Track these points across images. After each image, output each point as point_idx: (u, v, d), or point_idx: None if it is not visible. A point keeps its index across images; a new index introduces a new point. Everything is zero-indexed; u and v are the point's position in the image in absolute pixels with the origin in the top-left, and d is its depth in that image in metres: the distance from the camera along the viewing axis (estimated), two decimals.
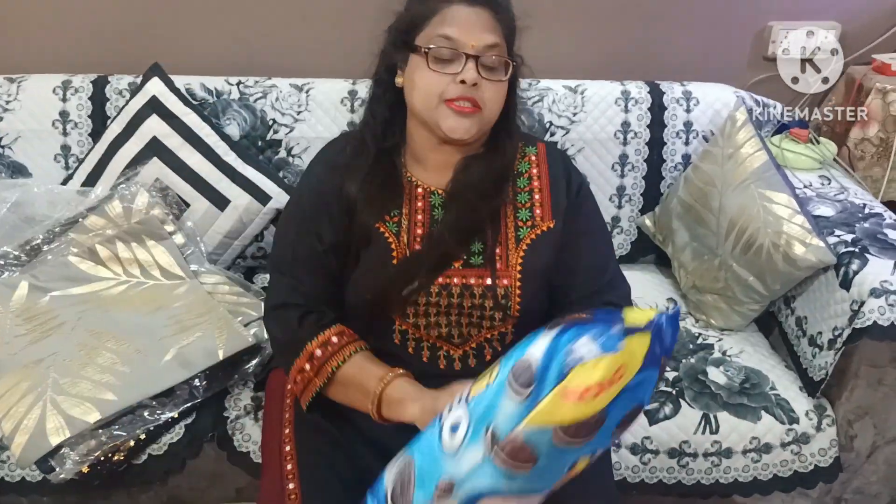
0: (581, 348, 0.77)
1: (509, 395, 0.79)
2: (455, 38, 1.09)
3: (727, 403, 1.47)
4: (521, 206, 1.19)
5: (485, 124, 1.14)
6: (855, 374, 1.43)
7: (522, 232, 1.18)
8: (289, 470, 1.15)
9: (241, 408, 1.41)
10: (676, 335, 0.85)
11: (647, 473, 1.44)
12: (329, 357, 1.11)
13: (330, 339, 1.12)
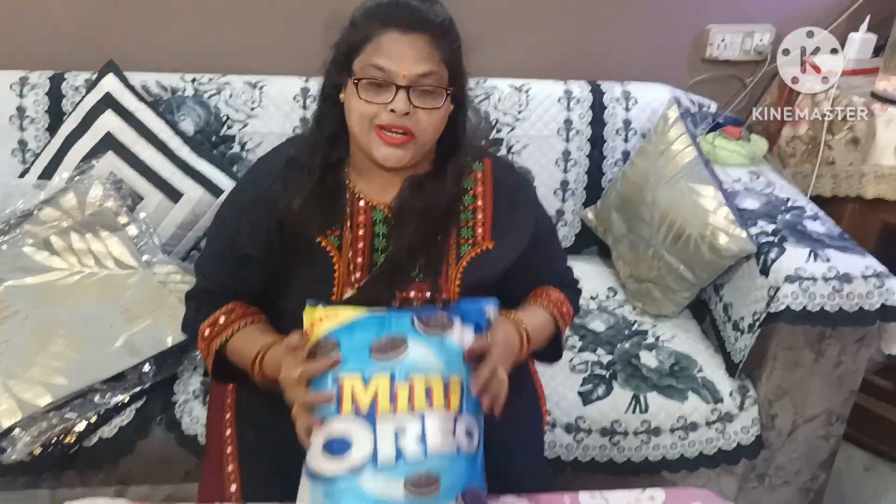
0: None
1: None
2: (387, 68, 1.06)
3: (656, 385, 1.54)
4: (463, 224, 1.20)
5: (421, 149, 1.12)
6: (773, 357, 1.52)
7: (463, 249, 1.19)
8: (228, 453, 1.20)
9: (190, 392, 1.47)
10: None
11: (581, 452, 1.51)
12: (214, 336, 1.17)
13: (217, 319, 1.18)
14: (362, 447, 0.96)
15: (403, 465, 0.95)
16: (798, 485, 1.66)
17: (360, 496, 0.94)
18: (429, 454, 0.96)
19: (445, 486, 0.95)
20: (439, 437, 0.97)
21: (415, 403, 0.98)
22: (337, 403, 0.98)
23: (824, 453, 1.63)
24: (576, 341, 1.65)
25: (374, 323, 1.03)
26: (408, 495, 0.94)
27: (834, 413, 1.58)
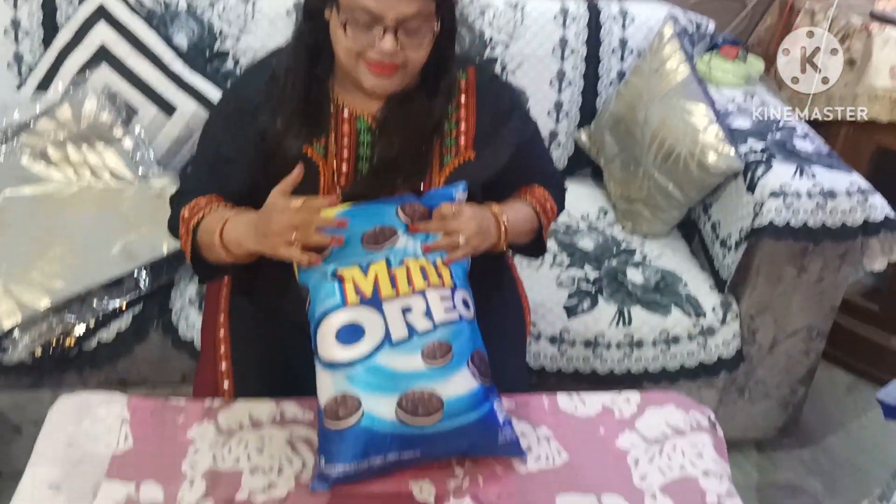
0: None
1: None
2: (374, 10, 1.04)
3: (641, 300, 1.58)
4: (446, 135, 1.20)
5: (410, 76, 1.12)
6: (756, 272, 1.55)
7: (446, 159, 1.20)
8: (222, 353, 1.25)
9: (186, 299, 1.51)
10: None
11: (564, 362, 1.56)
12: (194, 215, 1.16)
13: (199, 202, 1.17)
14: (375, 331, 1.03)
15: (417, 339, 1.03)
16: (777, 398, 1.71)
17: (382, 372, 1.01)
18: (437, 325, 1.04)
19: (457, 351, 1.04)
20: (442, 309, 1.05)
21: (414, 284, 1.05)
22: (341, 296, 1.04)
23: (804, 368, 1.67)
24: (564, 258, 1.68)
25: (360, 215, 1.08)
26: (426, 364, 1.02)
27: (814, 329, 1.62)
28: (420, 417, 1.01)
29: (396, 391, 1.02)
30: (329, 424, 1.02)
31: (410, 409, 1.01)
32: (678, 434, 1.16)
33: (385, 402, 1.01)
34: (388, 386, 1.02)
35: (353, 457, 1.01)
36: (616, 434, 1.16)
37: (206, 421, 1.14)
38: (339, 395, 1.02)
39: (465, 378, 1.04)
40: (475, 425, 1.04)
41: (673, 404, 1.21)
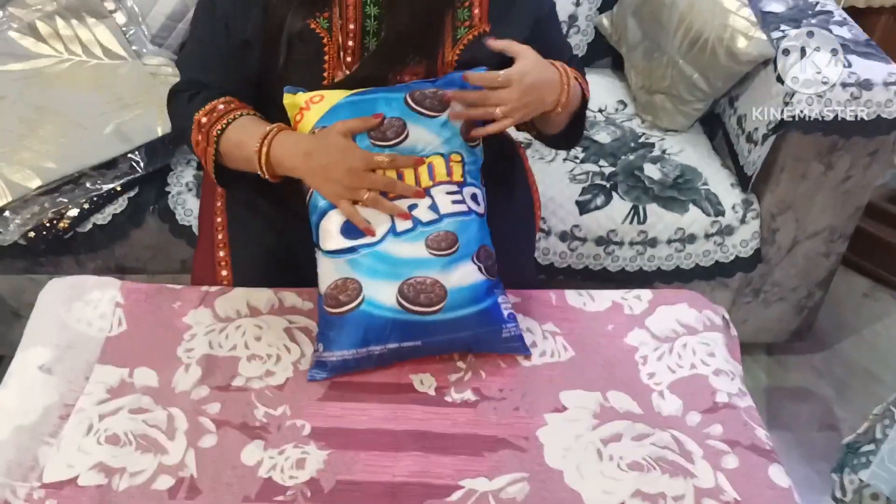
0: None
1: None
2: None
3: (658, 196, 1.52)
4: (459, 5, 1.12)
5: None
6: (781, 168, 1.48)
7: (460, 32, 1.12)
8: (219, 239, 1.21)
9: (183, 184, 1.47)
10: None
11: (574, 259, 1.52)
12: (214, 122, 1.08)
13: (216, 106, 1.09)
14: (379, 224, 1.00)
15: (421, 228, 1.00)
16: (793, 301, 1.67)
17: (385, 258, 0.99)
18: (442, 216, 1.01)
19: (463, 243, 1.01)
20: (449, 201, 1.02)
21: (420, 181, 1.01)
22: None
23: (823, 271, 1.63)
24: (578, 152, 1.62)
25: (366, 106, 1.02)
26: (430, 253, 1.00)
27: (837, 230, 1.56)
28: (422, 306, 0.99)
29: (398, 278, 0.99)
30: (329, 311, 1.00)
31: (412, 296, 0.99)
32: (689, 332, 1.13)
33: (386, 288, 0.99)
34: (390, 272, 0.99)
35: (353, 343, 1.00)
36: (625, 331, 1.13)
37: (203, 307, 1.12)
38: (339, 280, 1.00)
39: (470, 270, 1.02)
40: (478, 317, 1.02)
41: (686, 303, 1.18)
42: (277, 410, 0.98)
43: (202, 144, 1.09)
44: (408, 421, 0.98)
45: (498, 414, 1.00)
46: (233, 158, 1.09)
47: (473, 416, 0.99)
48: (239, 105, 1.10)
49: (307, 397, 1.00)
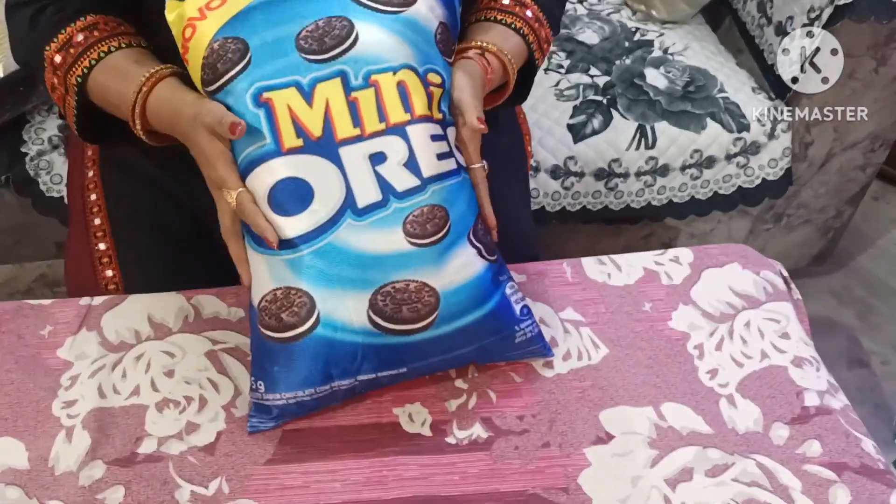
0: None
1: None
2: None
3: (667, 111, 1.26)
4: None
5: None
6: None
7: None
8: (97, 225, 0.91)
9: (46, 140, 1.14)
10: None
11: (570, 200, 1.27)
12: (73, 63, 0.78)
13: (72, 37, 0.78)
14: (329, 191, 0.70)
15: (396, 203, 0.71)
16: (819, 223, 1.49)
17: (344, 256, 0.70)
18: (425, 180, 0.71)
19: (456, 219, 0.73)
20: (433, 154, 0.72)
21: (388, 114, 0.71)
22: (273, 135, 0.69)
23: (857, 186, 1.44)
24: (562, 59, 1.33)
25: (289, 3, 0.72)
26: (411, 243, 0.71)
27: (880, 137, 1.35)
28: (405, 324, 0.71)
29: (368, 286, 0.70)
30: (267, 335, 0.71)
31: (390, 311, 0.71)
32: (751, 304, 0.90)
33: (351, 302, 0.70)
34: (354, 278, 0.70)
35: (307, 382, 0.72)
36: (668, 310, 0.89)
37: (85, 330, 0.83)
38: (279, 290, 0.70)
39: (468, 258, 0.73)
40: (484, 323, 0.75)
41: (737, 262, 0.94)
42: (209, 487, 0.71)
43: (59, 91, 0.79)
44: (399, 483, 0.73)
45: (522, 456, 0.75)
46: (102, 103, 0.80)
47: (489, 462, 0.75)
48: (106, 32, 0.79)
49: (250, 461, 0.74)
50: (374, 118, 0.71)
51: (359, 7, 0.72)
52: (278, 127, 0.69)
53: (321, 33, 0.71)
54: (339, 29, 0.71)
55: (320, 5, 0.72)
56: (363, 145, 0.70)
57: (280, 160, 0.69)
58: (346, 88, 0.70)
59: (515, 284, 0.80)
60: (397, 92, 0.71)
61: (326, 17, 0.71)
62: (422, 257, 0.71)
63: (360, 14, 0.72)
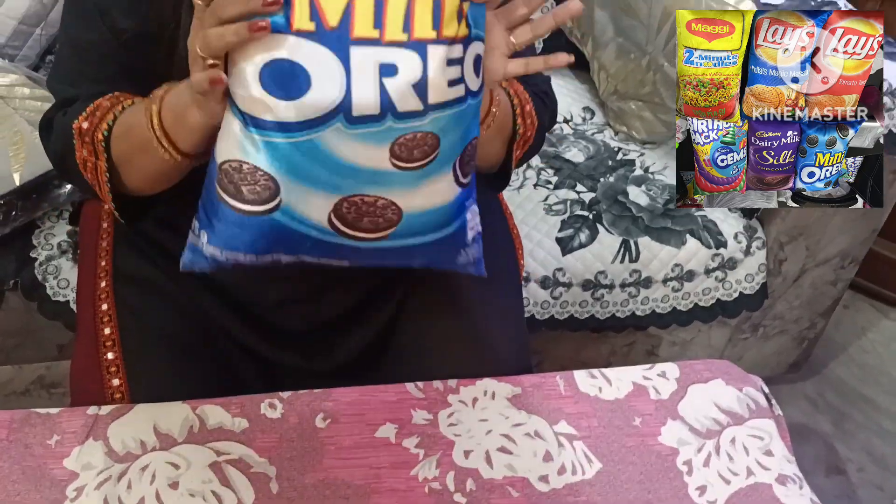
0: None
1: None
2: None
3: (649, 227, 1.32)
4: None
5: None
6: None
7: None
8: (107, 335, 0.92)
9: (54, 246, 1.17)
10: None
11: (558, 309, 1.31)
12: (98, 122, 0.79)
13: (100, 104, 0.80)
14: (326, 85, 0.64)
15: (391, 122, 0.66)
16: (794, 334, 1.53)
17: (324, 158, 0.67)
18: (428, 107, 0.67)
19: (445, 147, 0.69)
20: (445, 81, 0.67)
21: (414, 27, 0.64)
22: (286, 8, 0.62)
23: (829, 300, 1.50)
24: (550, 175, 1.39)
25: None
26: (394, 164, 0.68)
27: (849, 255, 1.42)
28: (363, 231, 0.71)
29: (337, 191, 0.69)
30: (223, 197, 0.69)
31: (352, 219, 0.70)
32: (735, 421, 0.93)
33: (316, 202, 0.69)
34: (326, 181, 0.68)
35: (251, 248, 0.70)
36: (657, 425, 0.91)
37: (92, 440, 0.83)
38: (245, 164, 0.67)
39: (444, 185, 0.72)
40: (434, 244, 0.75)
41: (720, 378, 0.97)
42: None
43: (90, 161, 0.80)
44: None
45: None
46: (130, 161, 0.80)
47: None
48: (126, 97, 0.81)
49: None
50: (398, 25, 0.64)
51: None
52: (292, 3, 0.62)
53: None
54: None
55: None
56: (378, 50, 0.64)
57: (285, 37, 0.63)
58: None
59: (476, 208, 0.78)
60: (432, 4, 0.64)
61: None
62: (399, 179, 0.69)
63: None
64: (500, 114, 0.83)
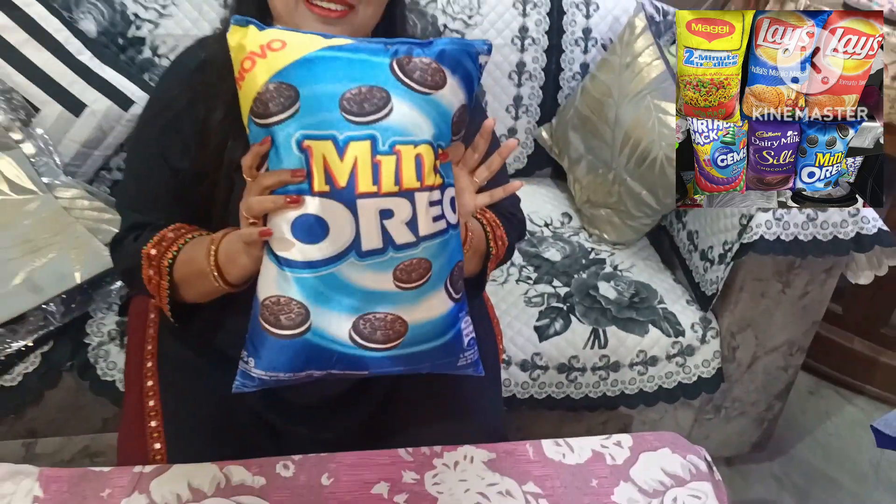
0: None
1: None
2: None
3: (616, 318, 1.48)
4: None
5: (360, 30, 0.99)
6: (740, 288, 1.47)
7: None
8: (151, 406, 1.09)
9: (105, 334, 1.33)
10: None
11: (537, 389, 1.46)
12: (164, 251, 0.98)
13: (165, 235, 1.00)
14: (342, 233, 0.83)
15: (392, 253, 0.85)
16: (753, 415, 1.66)
17: (342, 286, 0.85)
18: (420, 239, 0.85)
19: (436, 270, 0.88)
20: (430, 218, 0.86)
21: (403, 180, 0.83)
22: (308, 178, 0.82)
23: (781, 384, 1.62)
24: (531, 272, 1.57)
25: (341, 65, 0.83)
26: (398, 286, 0.86)
27: (795, 344, 1.56)
28: (377, 343, 0.88)
29: (355, 312, 0.86)
30: (266, 327, 0.86)
31: (367, 333, 0.87)
32: (677, 483, 1.07)
33: (339, 321, 0.86)
34: (345, 305, 0.86)
35: (289, 368, 0.87)
36: (611, 487, 1.05)
37: (137, 493, 0.98)
38: (283, 297, 0.85)
39: (439, 300, 0.90)
40: (438, 350, 0.92)
41: (668, 447, 1.12)
42: None
43: (154, 279, 0.99)
44: None
45: None
46: (188, 282, 0.98)
47: None
48: (190, 229, 1.01)
49: None
50: (391, 181, 0.82)
51: (398, 83, 0.83)
52: (313, 172, 0.81)
53: (362, 98, 0.82)
54: (378, 99, 0.82)
55: (366, 72, 0.83)
56: (377, 201, 0.82)
57: (309, 198, 0.82)
58: (374, 151, 0.82)
59: (469, 321, 0.95)
60: (414, 163, 0.83)
61: (369, 84, 0.82)
62: (402, 297, 0.87)
63: (397, 89, 0.83)
64: (475, 240, 1.03)
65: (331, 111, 0.82)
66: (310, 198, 0.82)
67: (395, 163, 0.82)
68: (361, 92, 0.82)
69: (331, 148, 0.81)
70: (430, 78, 0.84)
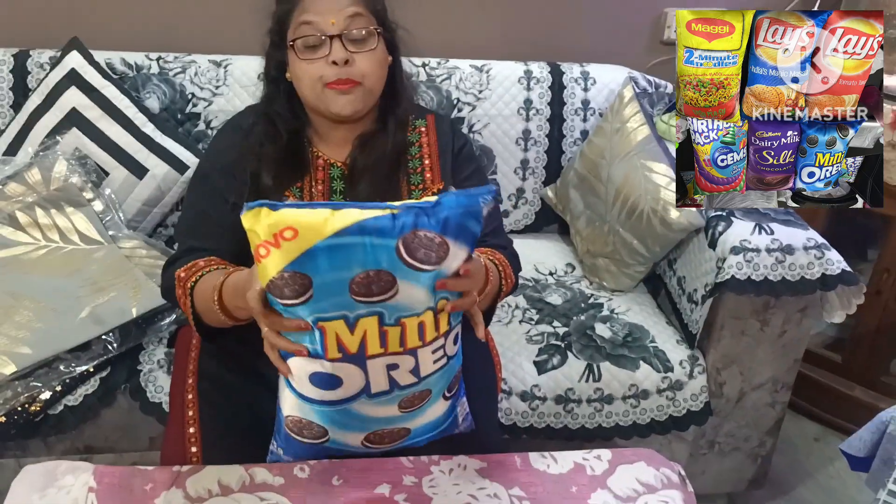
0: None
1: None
2: (315, 21, 1.16)
3: (610, 354, 1.59)
4: (412, 172, 1.28)
5: (370, 96, 1.22)
6: (721, 326, 1.57)
7: (415, 194, 1.27)
8: (190, 416, 1.24)
9: (155, 362, 1.49)
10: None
11: (536, 418, 1.56)
12: (191, 275, 1.13)
13: (197, 263, 1.16)
14: (353, 383, 0.97)
15: (397, 392, 1.00)
16: (747, 451, 1.72)
17: (355, 416, 1.01)
18: (422, 378, 1.00)
19: (436, 391, 1.04)
20: (431, 362, 0.99)
21: (407, 343, 0.94)
22: (322, 349, 0.93)
23: (771, 420, 1.69)
24: (533, 314, 1.70)
25: (350, 252, 0.87)
26: (402, 411, 1.03)
27: (779, 381, 1.64)
28: (385, 446, 1.07)
29: (365, 430, 1.04)
30: (291, 435, 1.05)
31: (376, 441, 1.06)
32: (649, 491, 1.16)
33: (352, 436, 1.05)
34: (357, 426, 1.04)
35: (313, 457, 1.10)
36: (589, 493, 1.15)
37: (175, 488, 1.11)
38: (304, 419, 1.02)
39: (437, 407, 1.07)
40: (436, 434, 1.12)
41: (643, 461, 1.22)
42: None
43: (182, 298, 1.16)
44: None
45: None
46: (202, 311, 1.14)
47: None
48: (219, 262, 1.17)
49: None
50: (396, 344, 0.94)
51: (404, 266, 0.88)
52: (326, 345, 0.92)
53: (370, 281, 0.88)
54: (385, 282, 0.88)
55: (374, 258, 0.87)
56: (385, 359, 0.95)
57: (322, 361, 0.94)
58: (381, 323, 0.91)
59: (465, 401, 1.12)
60: (417, 328, 0.94)
61: (377, 269, 0.88)
62: (406, 417, 1.04)
63: (403, 272, 0.88)
64: (491, 286, 1.18)
65: (342, 295, 0.89)
66: (324, 361, 0.94)
67: (401, 332, 0.93)
68: (369, 276, 0.88)
69: (342, 326, 0.91)
70: (435, 255, 0.90)
